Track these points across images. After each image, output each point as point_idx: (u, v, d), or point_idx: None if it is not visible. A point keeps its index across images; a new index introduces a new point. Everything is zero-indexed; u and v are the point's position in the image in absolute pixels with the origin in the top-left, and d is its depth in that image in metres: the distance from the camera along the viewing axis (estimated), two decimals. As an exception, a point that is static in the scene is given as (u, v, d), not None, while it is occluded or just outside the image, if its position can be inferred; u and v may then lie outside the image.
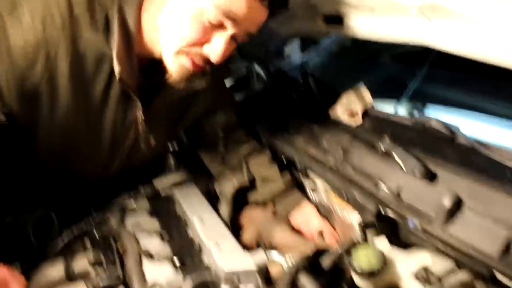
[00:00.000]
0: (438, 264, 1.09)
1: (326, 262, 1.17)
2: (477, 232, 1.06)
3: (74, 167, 1.50)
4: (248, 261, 1.23)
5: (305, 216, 1.60)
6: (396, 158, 1.30)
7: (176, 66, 1.28)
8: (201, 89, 1.43)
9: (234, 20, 1.20)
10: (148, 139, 1.50)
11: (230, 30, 1.22)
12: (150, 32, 1.28)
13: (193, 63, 1.26)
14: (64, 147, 1.40)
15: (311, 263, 1.15)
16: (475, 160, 1.24)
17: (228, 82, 2.15)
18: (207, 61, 1.27)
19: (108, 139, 1.43)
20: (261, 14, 1.25)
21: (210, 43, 1.24)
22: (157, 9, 1.25)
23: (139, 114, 1.40)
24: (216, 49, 1.23)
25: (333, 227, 1.57)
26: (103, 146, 1.45)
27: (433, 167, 1.25)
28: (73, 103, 1.28)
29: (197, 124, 1.73)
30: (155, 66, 1.33)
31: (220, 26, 1.21)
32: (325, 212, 1.62)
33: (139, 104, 1.37)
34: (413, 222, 1.15)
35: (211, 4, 1.17)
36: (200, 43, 1.24)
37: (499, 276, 0.96)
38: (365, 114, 1.62)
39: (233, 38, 1.26)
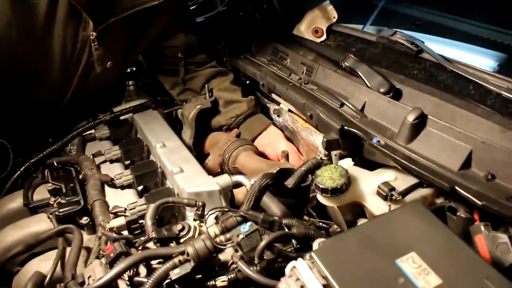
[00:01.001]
0: (401, 181, 1.09)
1: (290, 181, 1.16)
2: (440, 147, 1.05)
3: (26, 91, 1.42)
4: (211, 183, 1.21)
5: (271, 140, 1.58)
6: (361, 75, 1.27)
7: None
8: (159, 8, 1.36)
9: None
10: (103, 60, 1.42)
11: None
12: None
13: None
14: (11, 69, 1.32)
15: (276, 183, 1.14)
16: (439, 76, 1.22)
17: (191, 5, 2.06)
18: None
19: (59, 58, 1.35)
20: None
21: None
22: None
23: (92, 34, 1.31)
24: None
25: (298, 149, 1.56)
26: (54, 67, 1.37)
27: (397, 83, 1.23)
28: (14, 19, 1.20)
29: (156, 47, 1.65)
30: None
31: None
32: (289, 135, 1.60)
33: (90, 22, 1.29)
34: (377, 138, 1.13)
35: None
36: None
37: (460, 190, 0.96)
38: (330, 30, 1.57)
39: None
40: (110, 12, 1.33)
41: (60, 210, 1.21)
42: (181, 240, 1.03)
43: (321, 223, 1.26)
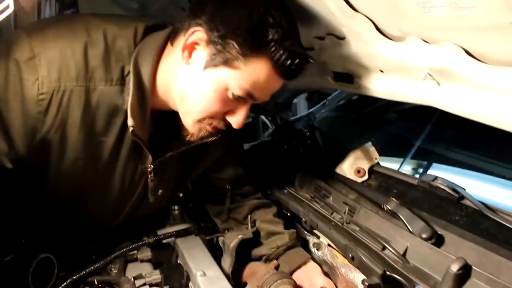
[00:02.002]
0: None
1: None
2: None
3: (82, 214, 1.50)
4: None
5: (309, 274, 1.57)
6: (403, 219, 1.30)
7: (196, 129, 1.32)
8: (212, 143, 1.45)
9: (256, 96, 1.26)
10: (156, 191, 1.50)
11: (251, 101, 1.29)
12: (165, 88, 1.31)
13: (214, 128, 1.32)
14: (72, 194, 1.40)
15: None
16: (482, 224, 1.23)
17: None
18: (225, 124, 1.32)
19: (117, 189, 1.43)
20: (279, 85, 1.31)
21: (232, 114, 1.30)
22: (174, 68, 1.28)
23: (149, 167, 1.40)
24: (238, 119, 1.30)
25: (336, 287, 1.54)
26: (112, 196, 1.45)
27: (439, 229, 1.24)
28: (83, 153, 1.29)
29: (204, 178, 1.73)
30: (167, 117, 1.35)
31: (243, 99, 1.27)
32: (328, 269, 1.60)
33: (149, 157, 1.38)
34: (420, 286, 1.13)
35: (237, 85, 1.22)
36: (223, 114, 1.29)
37: None
38: (371, 171, 1.62)
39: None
40: (167, 147, 1.43)
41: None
42: None
43: None
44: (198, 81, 1.24)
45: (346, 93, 2.43)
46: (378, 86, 1.43)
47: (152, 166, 1.40)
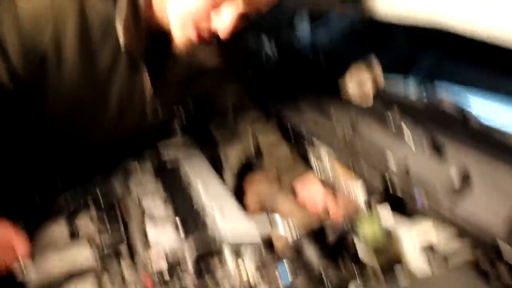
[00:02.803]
0: (444, 239, 1.09)
1: (331, 235, 1.17)
2: (485, 210, 1.05)
3: (81, 132, 1.49)
4: (251, 228, 1.23)
5: (309, 187, 1.59)
6: (405, 132, 1.29)
7: (181, 36, 1.23)
8: (212, 67, 1.43)
9: None
10: (155, 110, 1.48)
11: (240, 5, 1.17)
12: (160, 3, 1.25)
13: (199, 35, 1.22)
14: (70, 112, 1.38)
15: (316, 236, 1.15)
16: (485, 139, 1.23)
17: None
18: (214, 35, 1.22)
19: (115, 107, 1.41)
20: None
21: (219, 14, 1.18)
22: None
23: (147, 84, 1.38)
24: (224, 22, 1.18)
25: (337, 199, 1.56)
26: (110, 114, 1.43)
27: (442, 143, 1.24)
28: (79, 71, 1.26)
29: (206, 97, 1.71)
30: (165, 38, 1.31)
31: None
32: (329, 184, 1.61)
33: (146, 74, 1.35)
34: (420, 199, 1.14)
35: None
36: (209, 14, 1.18)
37: (506, 254, 0.96)
38: (375, 88, 1.60)
39: (243, 16, 1.20)
40: (166, 68, 1.40)
41: (102, 241, 1.25)
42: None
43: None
44: None
45: (350, 22, 2.36)
46: (384, 5, 1.37)
47: (150, 85, 1.37)
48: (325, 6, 1.72)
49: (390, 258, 1.09)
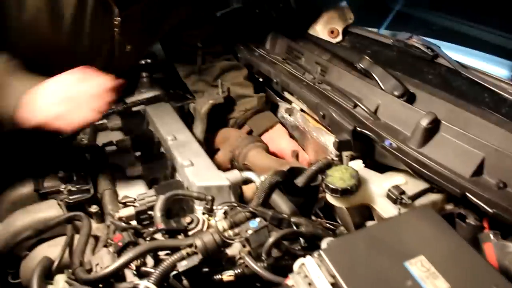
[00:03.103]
0: (411, 185, 1.09)
1: (300, 180, 1.16)
2: (452, 153, 1.04)
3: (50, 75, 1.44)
4: (221, 178, 1.22)
5: (274, 137, 1.59)
6: (375, 77, 1.27)
7: None
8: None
9: None
10: (123, 45, 1.44)
11: None
12: None
13: None
14: (41, 53, 1.33)
15: (286, 182, 1.14)
16: (454, 82, 1.22)
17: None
18: None
19: (86, 46, 1.37)
20: None
21: None
22: None
23: (116, 20, 1.35)
24: None
25: (307, 149, 1.56)
26: (82, 52, 1.39)
27: (412, 87, 1.23)
28: (44, 6, 1.22)
29: (175, 35, 1.67)
30: None
31: None
32: (300, 134, 1.60)
33: (115, 9, 1.32)
34: (389, 140, 1.13)
35: None
36: None
37: (470, 197, 0.96)
38: (345, 31, 1.57)
39: None
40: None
41: (70, 197, 1.22)
42: (189, 233, 1.04)
43: (328, 224, 1.26)
44: None
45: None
46: None
47: (119, 18, 1.34)
48: None
49: (358, 202, 1.09)
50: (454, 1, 2.09)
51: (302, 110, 1.58)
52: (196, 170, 1.25)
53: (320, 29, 1.58)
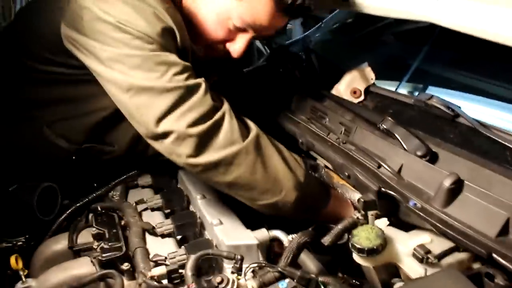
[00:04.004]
0: (437, 244, 1.11)
1: (326, 239, 1.18)
2: (476, 213, 1.06)
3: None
4: (250, 237, 1.25)
5: None
6: (398, 137, 1.31)
7: (199, 52, 1.40)
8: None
9: (256, 29, 1.34)
10: None
11: (251, 33, 1.35)
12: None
13: (216, 53, 1.42)
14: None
15: (312, 241, 1.17)
16: (475, 141, 1.25)
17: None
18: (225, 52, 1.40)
19: None
20: (283, 22, 1.38)
21: (232, 42, 1.38)
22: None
23: None
24: (237, 49, 1.38)
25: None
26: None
27: (434, 146, 1.26)
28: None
29: None
30: None
31: (243, 30, 1.34)
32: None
33: None
34: (413, 201, 1.16)
35: (237, 15, 1.30)
36: (225, 41, 1.38)
37: (497, 258, 0.97)
38: (367, 91, 1.62)
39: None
40: None
41: (103, 255, 1.26)
42: (220, 293, 1.07)
43: (355, 281, 1.27)
44: (205, 8, 1.33)
45: (342, 16, 2.38)
46: (374, 1, 1.39)
47: None
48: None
49: (385, 262, 1.11)
50: (473, 58, 2.12)
51: (326, 167, 1.62)
52: (225, 229, 1.29)
53: (343, 90, 1.64)
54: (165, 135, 1.19)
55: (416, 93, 2.01)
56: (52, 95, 1.42)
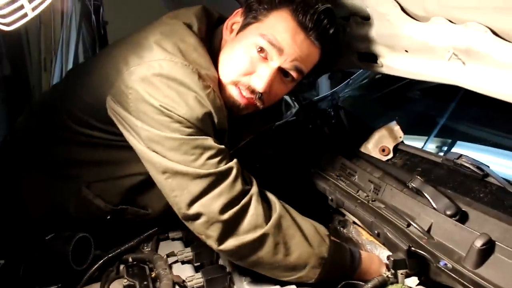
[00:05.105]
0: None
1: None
2: (508, 275, 1.06)
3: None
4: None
5: None
6: (427, 196, 1.32)
7: (227, 96, 1.40)
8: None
9: (279, 49, 1.34)
10: None
11: (275, 61, 1.35)
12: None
13: (241, 94, 1.39)
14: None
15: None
16: (506, 201, 1.25)
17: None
18: (253, 91, 1.38)
19: None
20: (309, 49, 1.38)
21: (257, 71, 1.37)
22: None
23: None
24: (261, 77, 1.36)
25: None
26: None
27: (463, 206, 1.27)
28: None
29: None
30: None
31: (267, 58, 1.35)
32: (353, 246, 1.63)
33: None
34: (444, 261, 1.16)
35: (257, 32, 1.35)
36: (249, 73, 1.37)
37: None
38: (396, 149, 1.65)
39: (281, 71, 1.39)
40: None
41: (134, 307, 1.28)
42: None
43: None
44: (231, 45, 1.40)
45: (369, 72, 2.43)
46: (403, 66, 1.44)
47: None
48: (344, 65, 1.80)
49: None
50: (497, 117, 2.14)
51: (354, 223, 1.63)
52: (255, 285, 1.30)
53: (372, 147, 1.67)
54: (196, 217, 1.27)
55: (444, 148, 2.02)
56: (92, 157, 1.49)
